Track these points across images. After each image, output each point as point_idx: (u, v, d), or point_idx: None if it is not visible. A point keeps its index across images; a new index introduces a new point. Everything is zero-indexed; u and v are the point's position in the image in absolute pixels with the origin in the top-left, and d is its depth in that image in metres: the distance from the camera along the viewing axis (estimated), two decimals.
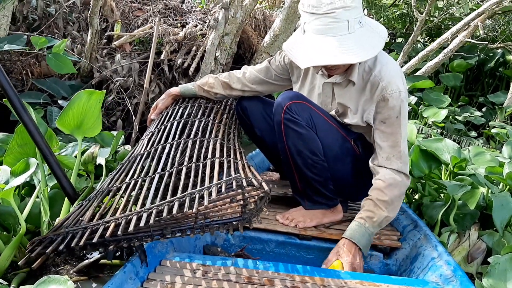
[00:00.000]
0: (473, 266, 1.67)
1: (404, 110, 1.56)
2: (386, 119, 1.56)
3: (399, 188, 1.55)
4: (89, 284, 1.56)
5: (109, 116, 3.20)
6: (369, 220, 1.53)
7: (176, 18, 3.81)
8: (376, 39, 1.48)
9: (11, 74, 2.94)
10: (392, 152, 1.56)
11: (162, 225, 1.18)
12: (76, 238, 1.11)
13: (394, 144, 1.56)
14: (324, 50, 1.43)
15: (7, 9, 2.43)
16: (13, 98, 1.46)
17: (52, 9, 3.31)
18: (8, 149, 1.70)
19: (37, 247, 1.13)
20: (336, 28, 1.41)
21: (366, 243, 1.52)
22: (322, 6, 1.39)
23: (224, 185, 1.17)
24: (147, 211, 1.13)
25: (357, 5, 1.42)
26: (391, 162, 1.55)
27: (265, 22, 4.44)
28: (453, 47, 4.13)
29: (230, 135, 1.69)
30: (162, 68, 3.42)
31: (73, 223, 1.20)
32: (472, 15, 3.96)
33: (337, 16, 1.39)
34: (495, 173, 1.92)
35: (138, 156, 1.49)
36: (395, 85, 1.53)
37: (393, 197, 1.53)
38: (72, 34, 3.31)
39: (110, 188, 1.33)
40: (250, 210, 1.25)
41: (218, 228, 1.25)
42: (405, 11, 5.56)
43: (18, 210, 1.44)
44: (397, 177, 1.54)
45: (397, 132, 1.55)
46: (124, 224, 1.11)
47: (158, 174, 1.32)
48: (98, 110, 1.79)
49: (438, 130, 3.60)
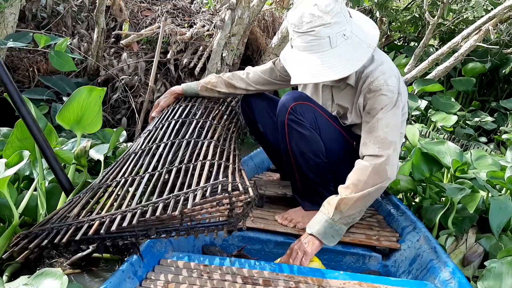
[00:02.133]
0: (469, 269, 1.64)
1: (393, 100, 1.51)
2: (370, 109, 1.53)
3: (367, 170, 1.46)
4: (82, 277, 1.58)
5: (115, 114, 3.23)
6: (326, 204, 1.49)
7: (184, 18, 3.84)
8: (362, 50, 1.47)
9: (18, 71, 3.00)
10: (368, 137, 1.51)
11: (147, 226, 1.18)
12: (60, 235, 1.12)
13: (370, 129, 1.51)
14: (307, 67, 1.45)
15: (15, 7, 2.47)
16: (13, 92, 1.49)
17: (61, 8, 3.37)
18: (8, 143, 1.73)
19: (21, 241, 1.14)
20: (317, 45, 1.43)
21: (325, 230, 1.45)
22: (303, 25, 1.42)
23: (209, 188, 1.17)
24: (132, 211, 1.13)
25: (338, 20, 1.42)
26: (367, 148, 1.50)
27: (274, 23, 4.44)
28: (464, 51, 4.06)
29: (227, 137, 1.69)
30: (168, 67, 3.44)
31: (60, 219, 1.21)
32: (483, 19, 3.89)
33: (317, 34, 1.41)
34: (496, 177, 1.88)
35: (132, 154, 1.50)
36: (382, 79, 1.51)
37: (357, 179, 1.46)
38: (80, 33, 3.35)
39: (100, 185, 1.34)
40: (237, 214, 1.25)
41: (203, 231, 1.24)
42: (417, 14, 5.49)
43: (11, 201, 1.46)
44: (366, 162, 1.47)
45: (377, 120, 1.50)
46: (108, 223, 1.11)
47: (148, 174, 1.33)
48: (98, 106, 1.81)
49: (446, 135, 3.54)
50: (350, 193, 1.45)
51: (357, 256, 1.66)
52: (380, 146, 1.47)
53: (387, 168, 1.47)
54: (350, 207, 1.45)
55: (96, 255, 1.57)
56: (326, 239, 1.45)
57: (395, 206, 1.92)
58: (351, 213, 1.46)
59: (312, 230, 1.46)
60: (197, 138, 1.54)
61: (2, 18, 2.46)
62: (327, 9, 1.40)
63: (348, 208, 1.45)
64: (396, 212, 1.89)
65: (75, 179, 1.87)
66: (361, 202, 1.46)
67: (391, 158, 1.47)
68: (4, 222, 1.57)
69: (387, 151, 1.47)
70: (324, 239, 1.45)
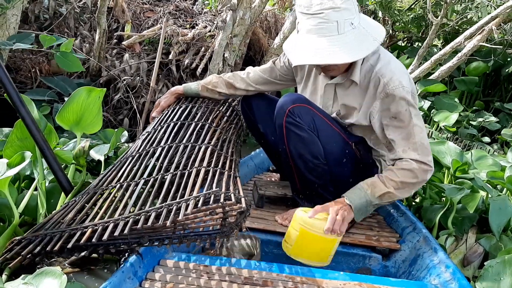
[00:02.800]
0: (469, 269, 1.63)
1: (412, 102, 1.54)
2: (396, 113, 1.54)
3: (414, 174, 1.52)
4: (81, 276, 1.58)
5: (117, 115, 3.24)
6: (371, 187, 1.53)
7: (186, 19, 3.85)
8: (368, 41, 1.48)
9: (20, 72, 3.02)
10: (407, 144, 1.54)
11: (140, 233, 1.18)
12: (53, 242, 1.13)
13: (407, 136, 1.54)
14: (313, 49, 1.45)
15: (17, 8, 2.49)
16: (12, 92, 1.50)
17: (64, 9, 3.38)
18: (8, 142, 1.73)
19: (15, 247, 1.15)
20: (325, 29, 1.43)
21: (360, 207, 1.52)
22: (312, 7, 1.43)
23: (202, 198, 1.18)
24: (124, 219, 1.14)
25: (347, 7, 1.43)
26: (409, 154, 1.54)
27: (277, 24, 4.44)
28: (467, 51, 4.02)
29: (226, 141, 1.68)
30: (170, 68, 3.45)
31: (54, 224, 1.21)
32: (486, 19, 3.86)
33: (325, 17, 1.42)
34: (496, 177, 1.87)
35: (129, 157, 1.50)
36: (397, 80, 1.52)
37: (405, 180, 1.52)
38: (83, 34, 3.37)
39: (96, 190, 1.34)
40: (230, 224, 1.25)
41: (196, 239, 1.25)
42: (420, 14, 5.47)
43: (12, 201, 1.46)
44: (414, 164, 1.52)
45: (409, 124, 1.53)
46: (100, 231, 1.12)
47: (143, 180, 1.33)
48: (97, 107, 1.81)
49: (449, 135, 3.53)
50: (396, 190, 1.52)
51: (357, 257, 1.66)
52: (421, 152, 1.53)
53: (429, 173, 1.56)
54: (390, 200, 1.55)
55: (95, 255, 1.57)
56: (357, 215, 1.52)
57: (395, 206, 1.92)
58: (386, 203, 1.58)
59: (352, 202, 1.51)
60: (194, 142, 1.53)
61: (4, 20, 2.48)
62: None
63: (388, 200, 1.55)
64: (396, 213, 1.88)
65: (76, 178, 1.88)
66: (397, 198, 1.57)
67: (432, 163, 1.56)
68: (5, 222, 1.57)
69: (428, 157, 1.54)
70: (356, 214, 1.51)
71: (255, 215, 1.79)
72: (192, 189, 1.23)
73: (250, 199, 1.97)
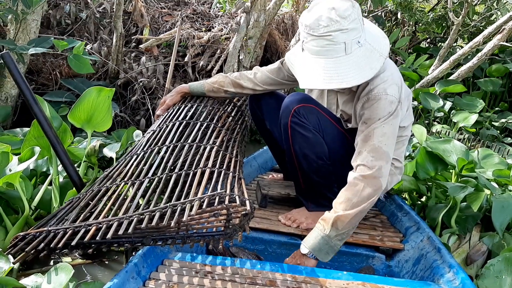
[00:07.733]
0: (472, 268, 1.61)
1: (390, 113, 1.47)
2: (367, 119, 1.49)
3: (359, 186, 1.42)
4: (93, 267, 1.64)
5: (134, 115, 3.33)
6: (322, 221, 1.44)
7: (203, 22, 3.92)
8: (375, 58, 1.43)
9: (42, 74, 3.14)
10: (363, 146, 1.47)
11: (144, 233, 1.18)
12: (57, 238, 1.11)
13: (366, 138, 1.47)
14: (320, 72, 1.41)
15: (37, 13, 2.60)
16: (25, 91, 1.58)
17: (84, 15, 3.50)
18: (25, 141, 1.82)
19: (20, 243, 1.15)
20: (332, 50, 1.39)
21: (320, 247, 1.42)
22: (319, 28, 1.38)
23: (207, 199, 1.15)
24: (129, 218, 1.12)
25: (355, 27, 1.39)
26: (362, 157, 1.45)
27: (293, 26, 4.45)
28: (487, 50, 3.93)
29: (231, 141, 1.67)
30: (185, 69, 3.53)
31: (58, 221, 1.21)
32: (505, 17, 3.77)
33: (333, 39, 1.37)
34: (502, 176, 1.83)
35: (134, 155, 1.49)
36: (382, 88, 1.47)
37: (350, 196, 1.42)
38: (103, 38, 3.48)
39: (100, 187, 1.34)
40: (233, 225, 1.24)
41: (199, 240, 1.24)
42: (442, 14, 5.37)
43: (23, 194, 1.54)
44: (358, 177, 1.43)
45: (374, 129, 1.46)
46: (104, 229, 1.10)
47: (147, 179, 1.31)
48: (107, 106, 1.88)
49: (467, 135, 3.45)
50: (345, 210, 1.40)
51: (360, 257, 1.65)
52: (374, 155, 1.44)
53: (381, 180, 1.43)
54: (346, 223, 1.41)
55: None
56: (320, 254, 1.42)
57: (399, 206, 1.90)
58: (347, 229, 1.43)
59: (308, 247, 1.43)
60: (199, 142, 1.51)
61: (25, 25, 2.59)
62: (345, 14, 1.37)
63: (344, 225, 1.41)
64: (400, 213, 1.87)
65: (89, 175, 1.96)
66: (357, 218, 1.43)
67: (383, 169, 1.44)
68: (18, 213, 1.66)
69: (380, 161, 1.44)
70: (319, 254, 1.42)
71: (258, 215, 1.79)
72: (196, 189, 1.22)
73: (253, 199, 1.97)
